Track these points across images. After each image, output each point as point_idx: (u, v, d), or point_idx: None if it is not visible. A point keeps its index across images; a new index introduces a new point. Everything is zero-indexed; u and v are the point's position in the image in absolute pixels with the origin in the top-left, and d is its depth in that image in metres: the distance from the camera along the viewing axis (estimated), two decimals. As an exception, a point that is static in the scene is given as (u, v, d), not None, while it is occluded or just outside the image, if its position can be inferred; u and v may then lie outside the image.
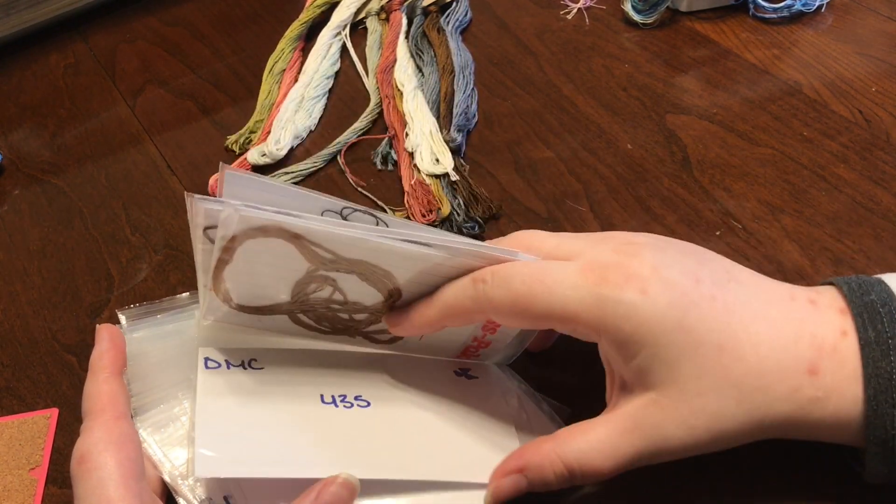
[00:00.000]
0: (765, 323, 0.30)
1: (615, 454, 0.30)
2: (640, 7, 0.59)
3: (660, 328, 0.29)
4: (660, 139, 0.50)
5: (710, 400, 0.29)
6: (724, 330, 0.29)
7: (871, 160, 0.47)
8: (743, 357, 0.29)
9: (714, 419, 0.29)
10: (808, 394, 0.29)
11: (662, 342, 0.29)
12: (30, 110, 0.62)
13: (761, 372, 0.29)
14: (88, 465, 0.30)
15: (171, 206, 0.52)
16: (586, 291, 0.30)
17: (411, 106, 0.54)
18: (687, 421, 0.29)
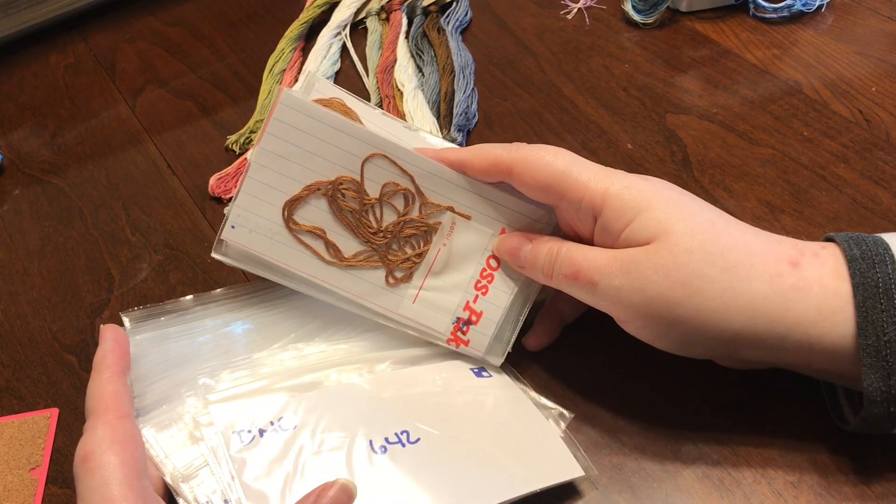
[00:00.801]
0: (748, 227, 0.33)
1: (593, 262, 0.33)
2: (641, 7, 0.59)
3: (656, 196, 0.33)
4: (660, 139, 0.50)
5: (695, 258, 0.31)
6: (716, 215, 0.33)
7: (872, 160, 0.47)
8: (731, 234, 0.32)
9: (695, 276, 0.31)
10: (789, 280, 0.31)
11: (658, 206, 0.32)
12: (30, 110, 0.62)
13: (748, 250, 0.31)
14: (91, 465, 0.30)
15: (171, 206, 0.52)
16: (600, 172, 0.34)
17: (411, 106, 0.54)
18: (668, 269, 0.31)
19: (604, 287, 0.33)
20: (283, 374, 0.37)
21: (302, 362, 0.38)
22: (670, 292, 0.31)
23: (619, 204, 0.33)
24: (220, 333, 0.39)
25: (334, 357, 0.38)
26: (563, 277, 0.34)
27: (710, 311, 0.31)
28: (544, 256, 0.35)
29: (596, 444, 0.36)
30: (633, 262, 0.32)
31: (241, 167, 0.53)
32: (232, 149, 0.55)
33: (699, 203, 0.33)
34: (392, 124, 0.40)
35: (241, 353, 0.38)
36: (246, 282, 0.43)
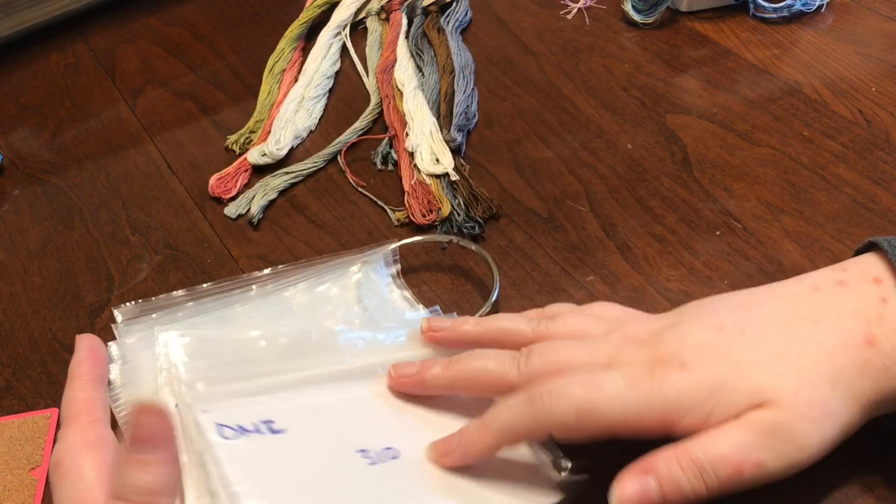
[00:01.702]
0: (804, 323, 0.30)
1: (748, 448, 0.29)
2: (641, 7, 0.59)
3: (717, 382, 0.29)
4: (660, 139, 0.50)
5: (810, 392, 0.29)
6: (771, 345, 0.30)
7: (872, 160, 0.47)
8: (805, 352, 0.30)
9: (824, 405, 0.29)
10: (876, 364, 0.29)
11: (727, 389, 0.29)
12: (30, 110, 0.62)
13: (830, 356, 0.29)
14: (63, 470, 0.30)
15: (171, 207, 0.52)
16: (643, 392, 0.30)
17: (411, 106, 0.54)
18: (806, 413, 0.29)
19: (771, 462, 0.29)
20: (276, 372, 0.36)
21: (296, 362, 0.37)
22: (825, 432, 0.29)
23: (687, 409, 0.29)
24: (211, 333, 0.38)
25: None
26: (721, 483, 0.29)
27: (847, 427, 0.30)
28: (681, 475, 0.29)
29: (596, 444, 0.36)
30: (773, 425, 0.29)
31: (241, 167, 0.53)
32: (232, 149, 0.55)
33: (753, 344, 0.30)
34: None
35: (231, 353, 0.37)
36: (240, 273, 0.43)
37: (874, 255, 0.32)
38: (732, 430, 0.29)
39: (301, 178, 0.52)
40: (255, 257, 0.47)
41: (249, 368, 0.35)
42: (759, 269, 0.42)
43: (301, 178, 0.52)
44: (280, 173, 0.52)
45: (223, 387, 0.34)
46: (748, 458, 0.28)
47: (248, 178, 0.53)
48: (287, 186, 0.51)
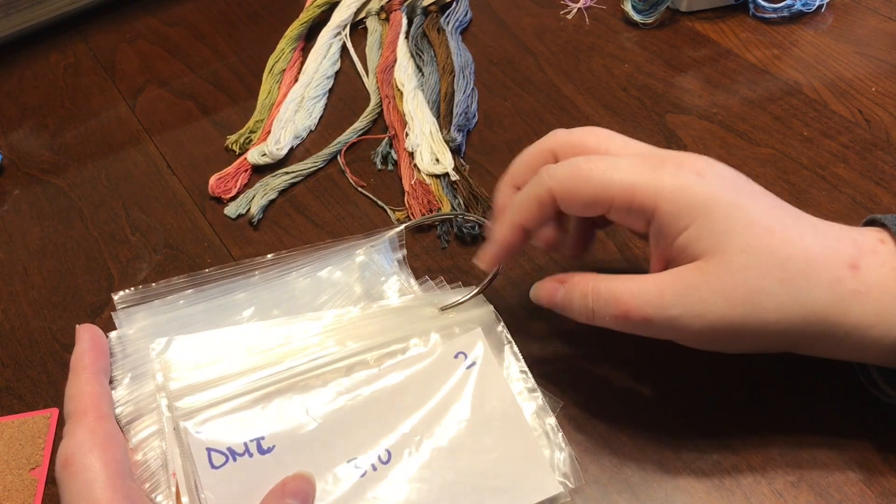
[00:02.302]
0: (809, 223, 0.31)
1: (644, 299, 0.31)
2: (640, 7, 0.59)
3: (713, 202, 0.30)
4: (660, 139, 0.50)
5: (753, 274, 0.30)
6: (773, 216, 0.31)
7: (871, 160, 0.47)
8: (789, 241, 0.30)
9: (754, 293, 0.30)
10: (849, 286, 0.30)
11: (713, 215, 0.30)
12: (30, 110, 0.62)
13: (807, 258, 0.30)
14: (74, 469, 0.29)
15: (171, 206, 0.52)
16: (644, 169, 0.32)
17: (411, 106, 0.54)
18: (727, 290, 0.30)
19: (660, 320, 0.31)
20: (266, 369, 0.35)
21: (287, 348, 0.37)
22: (731, 312, 0.30)
23: (674, 208, 0.31)
24: (205, 336, 0.38)
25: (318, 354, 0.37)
26: (610, 319, 0.32)
27: (772, 323, 0.30)
28: (579, 300, 0.33)
29: (595, 444, 0.36)
30: (687, 286, 0.30)
31: (241, 167, 0.53)
32: (232, 149, 0.55)
33: (758, 204, 0.31)
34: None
35: (224, 356, 0.36)
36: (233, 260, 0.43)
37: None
38: (644, 280, 0.31)
39: (301, 178, 0.52)
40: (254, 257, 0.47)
41: (241, 373, 0.35)
42: (759, 269, 0.42)
43: (301, 178, 0.52)
44: (280, 173, 0.52)
45: (215, 395, 0.33)
46: (639, 310, 0.31)
47: (248, 178, 0.53)
48: (287, 186, 0.51)
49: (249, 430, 0.32)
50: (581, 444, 0.36)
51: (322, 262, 0.42)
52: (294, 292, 0.41)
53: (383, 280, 0.41)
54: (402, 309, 0.39)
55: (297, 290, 0.41)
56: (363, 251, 0.43)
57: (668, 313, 0.31)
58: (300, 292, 0.41)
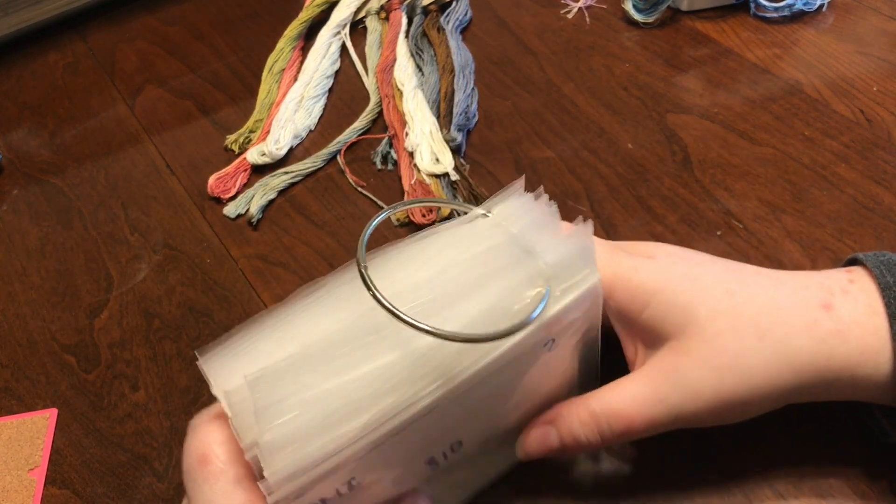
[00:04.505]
0: (770, 277, 0.31)
1: (642, 402, 0.30)
2: (641, 6, 0.59)
3: (668, 276, 0.31)
4: (661, 139, 0.50)
5: (730, 339, 0.29)
6: (731, 278, 0.31)
7: (873, 160, 0.47)
8: (754, 298, 0.30)
9: (738, 357, 0.29)
10: (826, 326, 0.29)
11: (672, 288, 0.30)
12: (29, 110, 0.62)
13: (777, 307, 0.30)
14: (212, 468, 0.27)
15: (170, 206, 0.51)
16: (603, 254, 0.31)
17: (411, 105, 0.54)
18: (710, 361, 0.29)
19: (662, 417, 0.30)
20: (357, 402, 0.27)
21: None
22: (722, 384, 0.29)
23: (628, 288, 0.31)
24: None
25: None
26: (615, 436, 0.31)
27: (763, 385, 0.30)
28: (580, 429, 0.31)
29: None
30: (674, 371, 0.30)
31: (241, 166, 0.53)
32: (231, 148, 0.55)
33: (713, 270, 0.31)
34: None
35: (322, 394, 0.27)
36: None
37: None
38: (632, 382, 0.31)
39: (300, 178, 0.52)
40: (254, 257, 0.47)
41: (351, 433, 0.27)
42: (760, 269, 0.42)
43: (300, 178, 0.52)
44: (279, 173, 0.52)
45: (311, 452, 0.26)
46: (640, 414, 0.30)
47: (248, 178, 0.52)
48: (286, 186, 0.51)
49: (343, 475, 0.27)
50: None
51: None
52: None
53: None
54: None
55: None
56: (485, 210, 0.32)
57: (667, 405, 0.30)
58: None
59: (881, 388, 0.30)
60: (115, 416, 0.41)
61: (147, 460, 0.38)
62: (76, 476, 0.38)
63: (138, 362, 0.43)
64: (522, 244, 0.30)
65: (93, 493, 0.38)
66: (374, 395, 0.26)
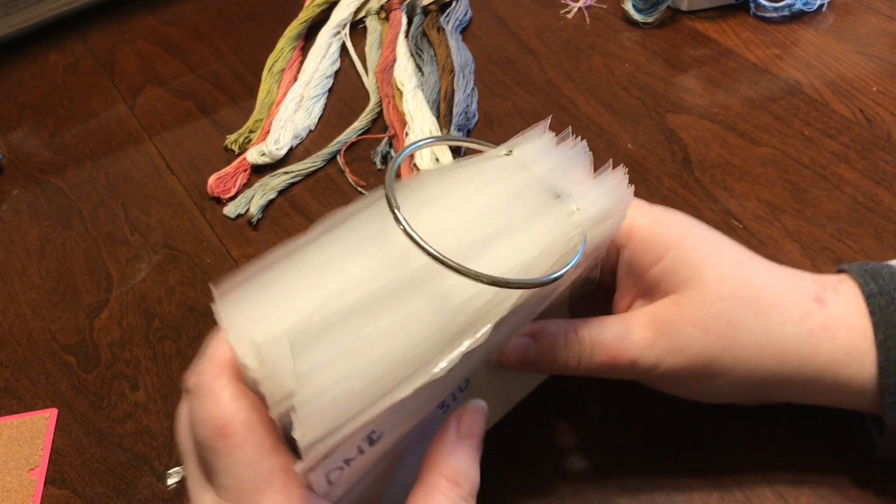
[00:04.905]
0: (768, 263, 0.32)
1: (629, 342, 0.30)
2: (641, 6, 0.59)
3: (687, 232, 0.31)
4: (660, 139, 0.50)
5: (731, 305, 0.30)
6: (741, 252, 0.31)
7: (873, 160, 0.47)
8: (759, 273, 0.31)
9: (731, 326, 0.29)
10: (818, 320, 0.30)
11: (688, 245, 0.31)
12: (29, 110, 0.62)
13: (777, 290, 0.30)
14: (236, 439, 0.25)
15: (170, 206, 0.51)
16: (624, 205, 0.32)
17: (411, 105, 0.54)
18: (705, 321, 0.30)
19: (645, 361, 0.30)
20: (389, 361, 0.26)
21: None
22: (710, 346, 0.30)
23: (648, 237, 0.31)
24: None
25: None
26: (596, 366, 0.31)
27: (746, 359, 0.30)
28: (562, 349, 0.31)
29: (596, 444, 0.36)
30: (668, 321, 0.30)
31: (240, 166, 0.53)
32: (231, 148, 0.55)
33: (725, 240, 0.32)
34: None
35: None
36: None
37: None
38: (624, 320, 0.31)
39: (300, 178, 0.52)
40: (254, 257, 0.47)
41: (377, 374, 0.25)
42: (760, 269, 0.42)
43: (300, 178, 0.52)
44: (279, 173, 0.52)
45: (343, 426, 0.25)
46: (624, 352, 0.30)
47: (248, 178, 0.52)
48: (286, 186, 0.51)
49: (363, 434, 0.26)
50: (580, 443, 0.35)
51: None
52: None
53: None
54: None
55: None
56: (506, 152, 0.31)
57: (652, 352, 0.30)
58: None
59: (862, 392, 0.30)
60: (115, 416, 0.41)
61: (147, 460, 0.38)
62: (76, 476, 0.38)
63: (138, 362, 0.43)
64: (552, 188, 0.29)
65: (92, 493, 0.38)
66: (414, 352, 0.25)
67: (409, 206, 0.27)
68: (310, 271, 0.27)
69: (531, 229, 0.28)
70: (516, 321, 0.29)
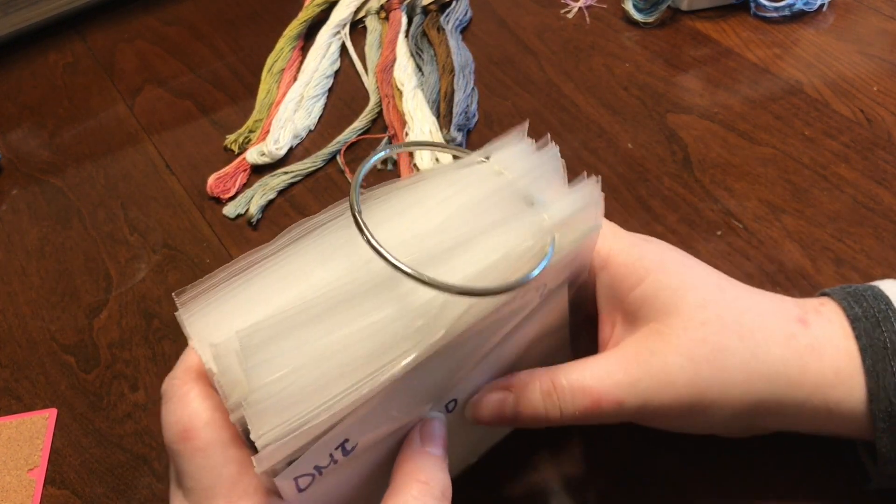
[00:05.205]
0: (748, 287, 0.32)
1: (611, 382, 0.29)
2: (641, 6, 0.59)
3: (666, 258, 0.31)
4: (661, 138, 0.50)
5: (714, 329, 0.29)
6: (721, 278, 0.31)
7: (873, 160, 0.47)
8: (740, 297, 0.30)
9: (718, 352, 0.29)
10: (803, 341, 0.29)
11: (667, 270, 0.30)
12: (28, 110, 0.61)
13: (760, 312, 0.30)
14: (197, 443, 0.26)
15: (169, 206, 0.51)
16: (606, 229, 0.32)
17: (411, 105, 0.54)
18: (690, 350, 0.29)
19: (631, 401, 0.29)
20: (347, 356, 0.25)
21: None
22: (697, 376, 0.29)
23: (627, 261, 0.31)
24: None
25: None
26: (579, 413, 0.29)
27: (735, 385, 0.29)
28: (541, 399, 0.29)
29: (597, 445, 0.36)
30: (651, 354, 0.29)
31: (240, 166, 0.53)
32: (231, 148, 0.55)
33: (704, 266, 0.32)
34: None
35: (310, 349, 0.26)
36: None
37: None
38: (604, 360, 0.30)
39: (300, 178, 0.52)
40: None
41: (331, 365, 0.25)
42: (760, 269, 0.42)
43: (300, 178, 0.52)
44: (279, 173, 0.52)
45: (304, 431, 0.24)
46: (608, 394, 0.29)
47: (247, 178, 0.52)
48: (286, 186, 0.51)
49: (336, 437, 0.26)
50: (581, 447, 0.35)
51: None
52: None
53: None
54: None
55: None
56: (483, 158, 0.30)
57: (637, 389, 0.29)
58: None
59: (853, 418, 0.29)
60: (115, 416, 0.40)
61: (146, 460, 0.38)
62: (75, 476, 0.38)
63: (137, 362, 0.43)
64: (525, 195, 0.29)
65: (92, 493, 0.38)
66: (368, 352, 0.25)
67: (380, 214, 0.27)
68: (275, 279, 0.27)
69: (500, 235, 0.27)
70: (488, 330, 0.28)
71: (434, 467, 0.27)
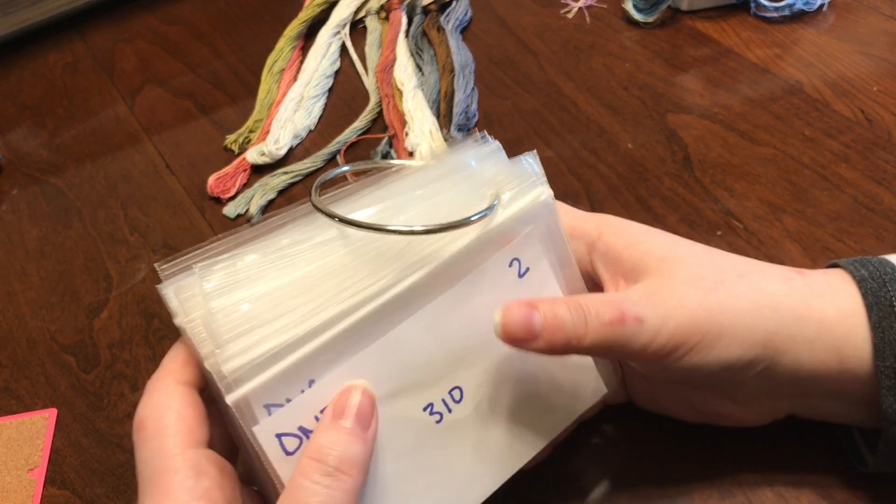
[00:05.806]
0: (744, 261, 0.33)
1: (633, 297, 0.30)
2: (641, 6, 0.59)
3: (654, 231, 0.33)
4: (661, 138, 0.50)
5: (711, 270, 0.30)
6: (706, 248, 0.32)
7: (873, 160, 0.47)
8: (731, 256, 0.32)
9: (720, 282, 0.30)
10: (801, 282, 0.30)
11: (656, 233, 0.32)
12: (28, 110, 0.61)
13: (753, 263, 0.32)
14: (146, 434, 0.27)
15: (169, 206, 0.51)
16: (586, 214, 0.34)
17: (411, 105, 0.54)
18: (694, 282, 0.30)
19: (652, 316, 0.29)
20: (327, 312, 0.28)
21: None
22: (706, 298, 0.29)
23: (618, 228, 0.33)
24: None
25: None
26: (604, 327, 0.28)
27: (745, 310, 0.29)
28: (567, 312, 0.29)
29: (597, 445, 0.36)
30: (659, 288, 0.30)
31: (240, 166, 0.53)
32: (230, 148, 0.55)
33: (690, 242, 0.33)
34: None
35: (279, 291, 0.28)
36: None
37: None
38: (624, 290, 0.31)
39: (300, 178, 0.52)
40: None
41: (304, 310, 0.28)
42: (761, 270, 0.42)
43: (300, 178, 0.52)
44: (279, 173, 0.52)
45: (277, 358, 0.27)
46: (632, 308, 0.29)
47: (247, 178, 0.52)
48: (286, 186, 0.51)
49: (320, 403, 0.28)
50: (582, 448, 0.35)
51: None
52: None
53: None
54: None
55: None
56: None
57: (656, 305, 0.29)
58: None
59: (861, 364, 0.29)
60: (115, 417, 0.40)
61: (146, 460, 0.38)
62: (75, 476, 0.38)
63: (137, 362, 0.43)
64: (469, 169, 0.32)
65: (92, 493, 0.38)
66: (329, 288, 0.28)
67: (338, 209, 0.30)
68: (245, 252, 0.30)
69: (447, 196, 0.30)
70: (480, 307, 0.30)
71: (335, 439, 0.27)
